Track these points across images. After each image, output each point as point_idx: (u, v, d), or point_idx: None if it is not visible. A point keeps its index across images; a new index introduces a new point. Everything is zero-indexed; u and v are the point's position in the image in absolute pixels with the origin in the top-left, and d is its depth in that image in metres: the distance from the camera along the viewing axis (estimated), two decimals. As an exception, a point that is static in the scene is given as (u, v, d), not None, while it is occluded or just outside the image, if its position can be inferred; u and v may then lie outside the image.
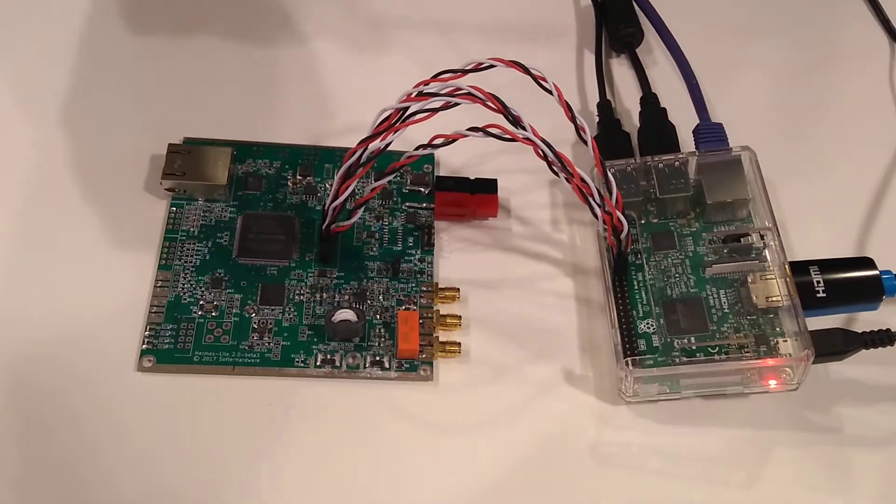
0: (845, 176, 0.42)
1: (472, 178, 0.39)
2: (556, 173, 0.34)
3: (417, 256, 0.38)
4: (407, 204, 0.39)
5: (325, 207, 0.36)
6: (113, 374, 0.35)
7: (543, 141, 0.33)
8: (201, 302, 0.36)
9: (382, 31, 0.45)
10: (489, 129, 0.33)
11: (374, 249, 0.38)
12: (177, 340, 0.35)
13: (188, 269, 0.37)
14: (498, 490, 0.34)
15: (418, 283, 0.37)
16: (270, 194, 0.39)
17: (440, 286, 0.37)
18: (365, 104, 0.39)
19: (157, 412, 0.34)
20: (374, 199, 0.38)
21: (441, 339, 0.36)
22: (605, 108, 0.42)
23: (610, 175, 0.34)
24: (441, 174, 0.40)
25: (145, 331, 0.35)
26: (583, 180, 0.33)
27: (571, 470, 0.34)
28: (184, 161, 0.38)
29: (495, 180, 0.39)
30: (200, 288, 0.36)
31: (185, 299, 0.36)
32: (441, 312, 0.36)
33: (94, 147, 0.39)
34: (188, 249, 0.37)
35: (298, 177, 0.40)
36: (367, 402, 0.35)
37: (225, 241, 0.38)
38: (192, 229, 0.38)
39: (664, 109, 0.42)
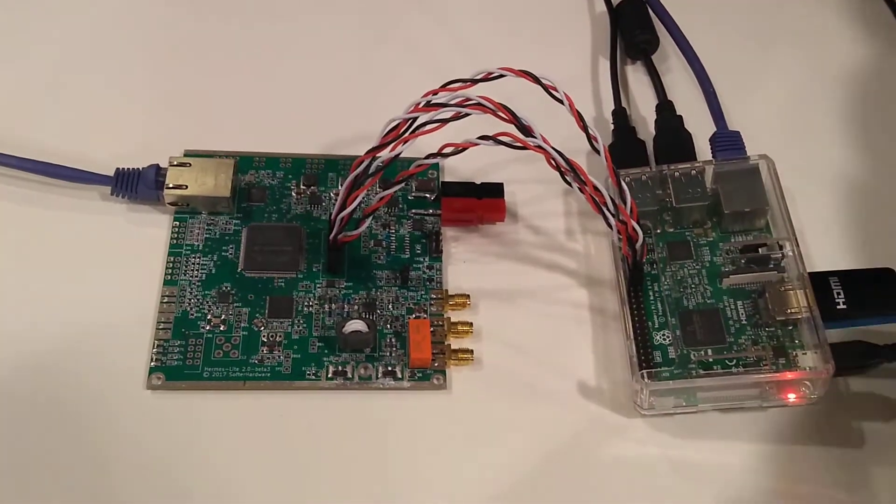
0: (865, 184, 0.44)
1: (477, 182, 0.43)
2: (568, 183, 0.37)
3: (426, 264, 0.41)
4: (413, 211, 0.43)
5: (332, 218, 0.39)
6: (122, 393, 0.38)
7: (555, 149, 0.36)
8: (209, 317, 0.39)
9: (390, 38, 0.49)
10: (500, 138, 0.36)
11: (382, 258, 0.41)
12: (185, 357, 0.38)
13: (194, 284, 0.40)
14: (512, 501, 0.36)
15: (428, 291, 0.40)
16: (275, 205, 0.42)
17: (450, 293, 0.40)
18: (370, 113, 0.42)
19: (168, 430, 0.37)
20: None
21: (453, 346, 0.39)
22: (620, 115, 0.45)
23: (623, 184, 0.37)
24: (445, 180, 0.43)
25: (153, 348, 0.38)
26: (596, 189, 0.36)
27: (586, 482, 0.37)
28: (186, 174, 0.41)
29: (501, 184, 0.43)
30: (207, 302, 0.39)
31: (193, 314, 0.39)
32: (452, 320, 0.40)
33: (94, 162, 0.42)
34: (193, 264, 0.40)
35: (302, 187, 0.43)
36: (381, 413, 0.38)
37: (230, 254, 0.41)
38: (196, 243, 0.41)
39: (680, 117, 0.45)
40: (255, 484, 0.36)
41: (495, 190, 0.42)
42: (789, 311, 0.38)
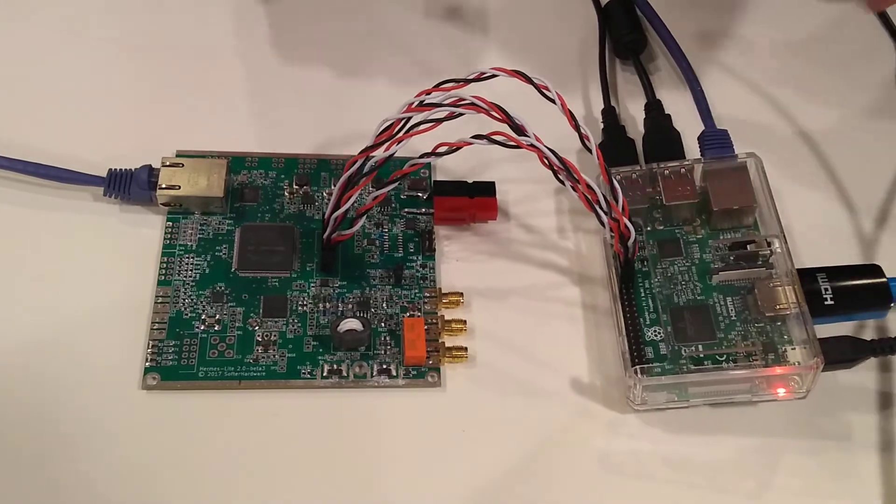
0: (851, 182, 0.45)
1: (470, 181, 0.43)
2: (561, 181, 0.37)
3: (419, 262, 0.42)
4: (406, 210, 0.43)
5: (326, 217, 0.39)
6: (117, 394, 0.38)
7: (548, 148, 0.37)
8: (203, 317, 0.40)
9: (380, 37, 0.49)
10: (493, 137, 0.37)
11: (376, 257, 0.42)
12: (180, 356, 0.39)
13: (188, 284, 0.40)
14: (507, 497, 0.37)
15: (421, 290, 0.41)
16: (267, 205, 0.43)
17: (443, 291, 0.41)
18: (361, 112, 0.43)
19: (163, 430, 0.37)
20: (371, 206, 0.42)
21: (447, 344, 0.40)
22: (610, 114, 0.46)
23: (615, 182, 0.38)
24: (438, 179, 0.44)
25: (148, 348, 0.39)
26: (589, 187, 0.37)
27: (580, 478, 0.38)
28: (178, 174, 0.42)
29: (493, 183, 0.43)
30: (202, 302, 0.40)
31: (187, 314, 0.40)
32: (446, 318, 0.40)
33: (86, 163, 0.42)
34: (187, 264, 0.41)
35: (295, 186, 0.43)
36: (377, 411, 0.38)
37: (224, 254, 0.41)
38: (189, 243, 0.41)
39: (669, 116, 0.45)
40: (251, 483, 0.37)
41: (487, 189, 0.43)
42: (778, 306, 0.39)
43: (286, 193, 0.43)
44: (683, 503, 0.37)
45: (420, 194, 0.43)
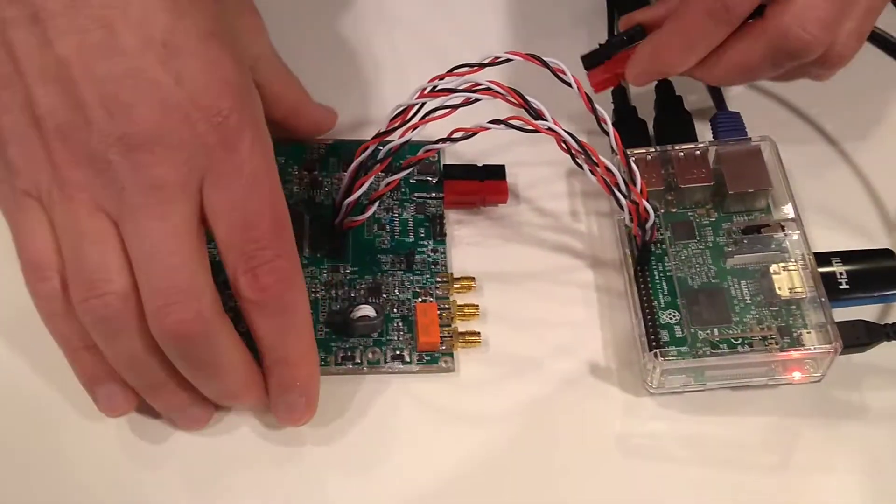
0: (865, 165, 0.45)
1: (479, 165, 0.43)
2: (579, 165, 0.37)
3: (430, 247, 0.42)
4: (416, 194, 0.43)
5: (337, 203, 0.39)
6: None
7: (566, 131, 0.36)
8: (215, 303, 0.39)
9: (388, 23, 0.49)
10: (511, 122, 0.36)
11: (386, 242, 0.41)
12: (192, 344, 0.38)
13: (199, 271, 0.40)
14: (524, 482, 0.37)
15: (433, 275, 0.41)
16: (276, 190, 0.43)
17: (455, 276, 0.41)
18: (369, 97, 0.43)
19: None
20: (381, 190, 0.42)
21: (460, 329, 0.39)
22: (620, 95, 0.45)
23: (633, 165, 0.37)
24: (447, 163, 0.43)
25: (161, 335, 0.38)
26: (608, 170, 0.37)
27: (599, 460, 0.38)
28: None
29: (503, 166, 0.43)
30: (213, 288, 0.40)
31: (199, 300, 0.39)
32: (458, 303, 0.40)
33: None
34: (197, 250, 0.40)
35: (304, 171, 0.43)
36: (391, 397, 0.38)
37: (234, 239, 0.41)
38: (198, 229, 0.41)
39: (680, 97, 0.45)
40: (266, 468, 0.37)
41: (497, 172, 0.43)
42: (794, 290, 0.39)
43: (294, 179, 0.43)
44: (702, 483, 0.37)
45: (430, 178, 0.43)
